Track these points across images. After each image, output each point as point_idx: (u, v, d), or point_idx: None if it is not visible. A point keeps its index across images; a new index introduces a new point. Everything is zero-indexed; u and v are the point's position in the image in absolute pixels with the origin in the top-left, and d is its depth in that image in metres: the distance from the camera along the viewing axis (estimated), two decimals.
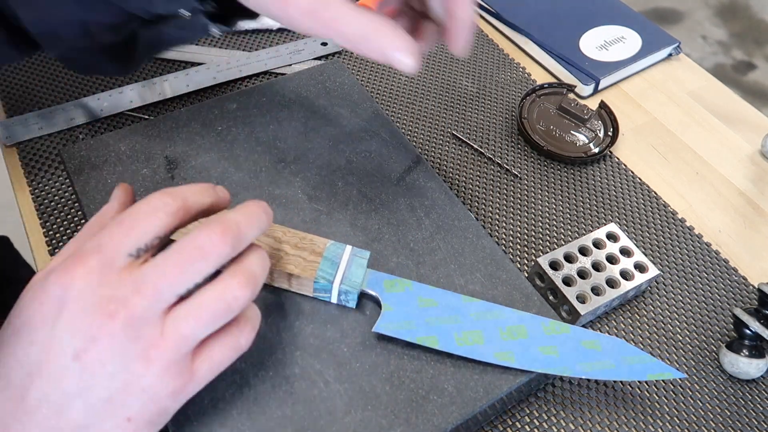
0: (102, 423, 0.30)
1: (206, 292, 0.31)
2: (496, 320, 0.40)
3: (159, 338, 0.30)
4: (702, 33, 2.13)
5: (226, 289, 0.31)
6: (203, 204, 0.34)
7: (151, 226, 0.31)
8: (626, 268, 0.46)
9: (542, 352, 0.39)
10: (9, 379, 0.30)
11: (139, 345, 0.30)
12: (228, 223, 0.31)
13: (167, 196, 0.32)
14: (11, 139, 0.53)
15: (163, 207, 0.31)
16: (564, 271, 0.45)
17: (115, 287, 0.30)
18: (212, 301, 0.31)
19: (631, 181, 0.55)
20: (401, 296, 0.40)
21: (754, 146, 0.59)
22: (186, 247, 0.31)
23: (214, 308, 0.31)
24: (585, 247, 0.47)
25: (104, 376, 0.29)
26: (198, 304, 0.31)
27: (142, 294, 0.30)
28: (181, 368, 0.31)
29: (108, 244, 0.30)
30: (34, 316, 0.30)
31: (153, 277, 0.30)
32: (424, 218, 0.46)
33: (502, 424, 0.41)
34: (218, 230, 0.31)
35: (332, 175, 0.48)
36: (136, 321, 0.29)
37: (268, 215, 0.34)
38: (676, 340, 0.45)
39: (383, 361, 0.38)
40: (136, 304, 0.29)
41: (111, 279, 0.30)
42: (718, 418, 0.42)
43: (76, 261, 0.30)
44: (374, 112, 0.52)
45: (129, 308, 0.29)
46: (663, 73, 0.65)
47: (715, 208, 0.54)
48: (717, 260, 0.50)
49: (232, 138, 0.49)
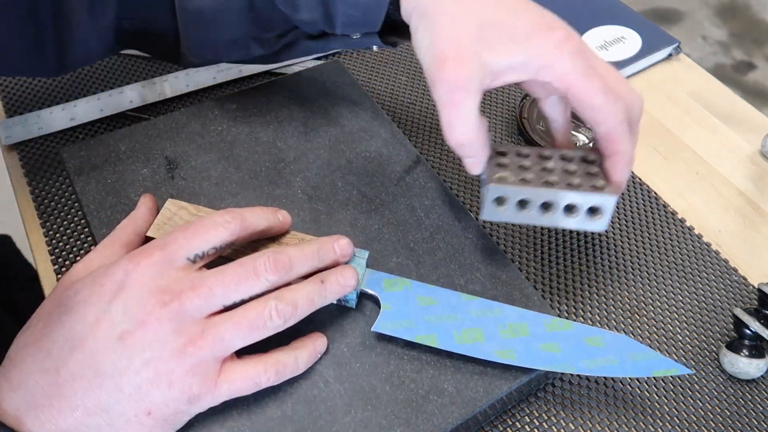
0: (125, 410, 0.31)
1: (249, 306, 0.34)
2: (497, 318, 0.40)
3: (199, 336, 0.33)
4: (702, 33, 2.13)
5: (266, 308, 0.34)
6: (259, 226, 0.37)
7: (211, 237, 0.35)
8: (577, 203, 0.39)
9: (544, 350, 0.39)
10: (50, 351, 0.32)
11: (180, 339, 0.32)
12: (283, 256, 0.35)
13: (229, 214, 0.36)
14: (11, 139, 0.53)
15: (224, 223, 0.35)
16: (518, 159, 0.41)
17: (172, 280, 0.33)
18: (252, 315, 0.34)
19: (631, 181, 0.55)
20: (401, 295, 0.40)
21: (754, 146, 0.59)
22: (245, 265, 0.34)
23: (253, 322, 0.33)
24: (566, 156, 0.42)
25: (140, 362, 0.32)
26: (240, 314, 0.34)
27: (196, 292, 0.33)
28: (207, 373, 0.33)
29: (172, 245, 0.34)
30: (92, 295, 0.33)
31: (211, 281, 0.33)
32: (424, 218, 0.45)
33: (502, 424, 0.41)
34: (273, 259, 0.35)
35: (332, 175, 0.48)
36: (183, 315, 0.33)
37: (322, 257, 0.38)
38: (676, 340, 0.45)
39: (383, 361, 0.38)
40: (189, 299, 0.33)
41: (170, 273, 0.33)
42: (718, 418, 0.42)
43: (142, 253, 0.34)
44: (374, 112, 0.52)
45: (181, 301, 0.33)
46: (663, 73, 0.65)
47: (715, 208, 0.54)
48: (717, 260, 0.50)
49: (232, 138, 0.49)
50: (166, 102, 0.57)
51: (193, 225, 0.35)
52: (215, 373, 0.33)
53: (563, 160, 0.42)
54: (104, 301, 0.33)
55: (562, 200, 0.39)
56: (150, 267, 0.33)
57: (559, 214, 0.40)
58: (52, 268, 0.46)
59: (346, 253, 0.39)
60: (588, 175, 0.40)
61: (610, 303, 0.47)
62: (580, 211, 0.40)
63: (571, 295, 0.47)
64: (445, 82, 0.36)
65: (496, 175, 0.40)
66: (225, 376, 0.33)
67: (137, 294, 0.33)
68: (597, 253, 0.50)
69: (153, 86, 0.57)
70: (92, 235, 0.44)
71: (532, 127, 0.57)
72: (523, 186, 0.39)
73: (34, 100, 0.56)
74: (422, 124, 0.57)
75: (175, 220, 0.41)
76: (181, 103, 0.57)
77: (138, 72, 0.59)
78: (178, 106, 0.56)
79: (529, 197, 0.39)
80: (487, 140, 0.39)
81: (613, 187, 0.39)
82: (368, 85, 0.60)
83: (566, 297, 0.47)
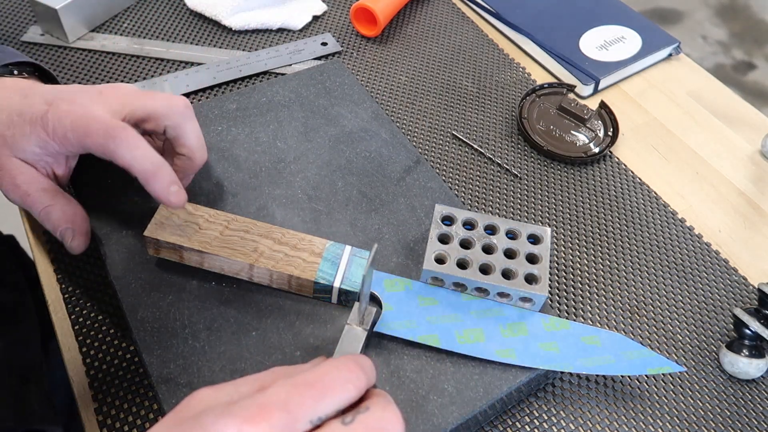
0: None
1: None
2: (497, 318, 0.40)
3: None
4: (702, 33, 2.13)
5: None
6: (373, 379, 0.32)
7: (340, 399, 0.29)
8: (515, 269, 0.41)
9: (543, 349, 0.39)
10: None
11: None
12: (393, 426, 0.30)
13: (361, 371, 0.31)
14: None
15: (355, 381, 0.30)
16: (452, 229, 0.42)
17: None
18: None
19: (631, 181, 0.55)
20: (401, 295, 0.40)
21: (754, 146, 0.59)
22: (371, 428, 0.29)
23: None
24: (493, 225, 0.43)
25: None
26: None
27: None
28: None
29: (297, 408, 0.28)
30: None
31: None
32: (424, 218, 0.45)
33: (502, 424, 0.41)
34: (397, 425, 0.30)
35: (332, 175, 0.48)
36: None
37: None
38: (676, 340, 0.46)
39: (383, 361, 0.38)
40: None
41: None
42: (717, 418, 0.42)
43: (261, 413, 0.28)
44: (374, 112, 0.52)
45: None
46: (663, 73, 0.65)
47: (715, 208, 0.54)
48: (717, 260, 0.50)
49: (232, 138, 0.49)
50: None
51: (320, 381, 0.29)
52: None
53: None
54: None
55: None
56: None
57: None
58: (52, 268, 0.46)
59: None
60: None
61: (610, 303, 0.47)
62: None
63: (571, 295, 0.47)
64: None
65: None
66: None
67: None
68: (597, 252, 0.50)
69: (153, 86, 0.57)
70: (92, 234, 0.44)
71: (532, 127, 0.57)
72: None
73: None
74: (422, 124, 0.57)
75: (173, 219, 0.41)
76: None
77: (138, 72, 0.59)
78: None
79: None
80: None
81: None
82: (368, 85, 0.60)
83: (566, 297, 0.47)
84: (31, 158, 0.41)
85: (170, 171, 0.40)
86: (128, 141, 0.39)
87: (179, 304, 0.40)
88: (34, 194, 0.41)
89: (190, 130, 0.43)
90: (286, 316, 0.40)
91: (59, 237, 0.42)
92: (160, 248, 0.41)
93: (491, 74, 0.63)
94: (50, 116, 0.39)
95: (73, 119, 0.39)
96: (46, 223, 0.42)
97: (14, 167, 0.41)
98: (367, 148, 0.49)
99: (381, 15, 0.62)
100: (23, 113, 0.40)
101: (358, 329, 0.38)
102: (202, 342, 0.39)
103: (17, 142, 0.40)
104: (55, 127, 0.39)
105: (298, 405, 0.28)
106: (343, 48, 0.63)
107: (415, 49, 0.64)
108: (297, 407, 0.28)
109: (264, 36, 0.64)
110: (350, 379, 0.30)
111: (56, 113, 0.39)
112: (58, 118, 0.39)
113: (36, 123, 0.40)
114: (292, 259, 0.40)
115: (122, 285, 0.41)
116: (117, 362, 0.41)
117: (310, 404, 0.28)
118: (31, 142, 0.40)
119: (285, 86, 0.53)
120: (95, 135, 0.39)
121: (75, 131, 0.39)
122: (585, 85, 0.61)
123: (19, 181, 0.41)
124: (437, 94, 0.60)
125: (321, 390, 0.29)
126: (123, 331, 0.42)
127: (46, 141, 0.40)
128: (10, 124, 0.40)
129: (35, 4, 0.59)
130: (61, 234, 0.42)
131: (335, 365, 0.30)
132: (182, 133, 0.43)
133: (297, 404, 0.28)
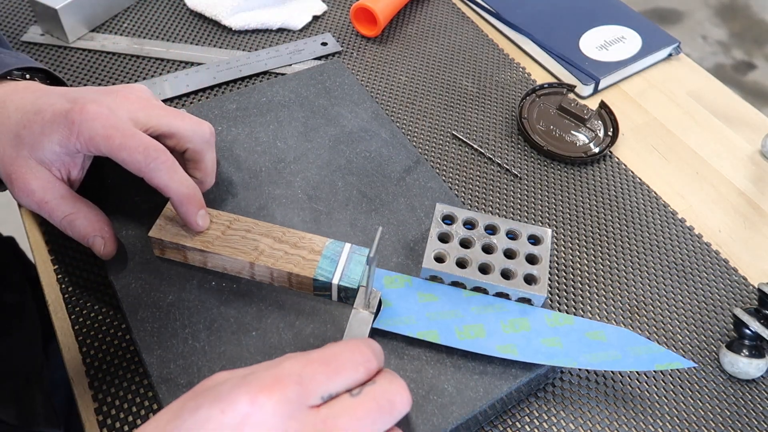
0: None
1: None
2: (498, 313, 0.40)
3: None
4: (702, 33, 2.13)
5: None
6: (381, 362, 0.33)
7: (350, 378, 0.31)
8: (514, 269, 0.41)
9: (545, 344, 0.39)
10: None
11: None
12: (398, 410, 0.31)
13: (372, 354, 0.32)
14: None
15: (366, 363, 0.31)
16: (453, 228, 0.43)
17: (303, 423, 0.29)
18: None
19: (631, 181, 0.55)
20: (401, 292, 0.40)
21: (754, 146, 0.59)
22: (378, 399, 0.30)
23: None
24: (494, 225, 0.43)
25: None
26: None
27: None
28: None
29: (310, 382, 0.30)
30: (209, 420, 0.28)
31: (344, 421, 0.29)
32: (424, 218, 0.46)
33: (502, 424, 0.41)
34: (404, 396, 0.31)
35: (332, 175, 0.48)
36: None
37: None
38: (676, 340, 0.45)
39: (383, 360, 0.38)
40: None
41: (301, 414, 0.29)
42: (718, 418, 0.42)
43: (275, 384, 0.29)
44: (374, 112, 0.52)
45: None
46: (663, 73, 0.65)
47: (715, 208, 0.54)
48: (717, 260, 0.50)
49: (232, 138, 0.49)
50: (166, 102, 0.57)
51: (333, 361, 0.31)
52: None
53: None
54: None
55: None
56: (281, 405, 0.29)
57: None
58: (52, 268, 0.46)
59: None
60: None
61: (609, 303, 0.47)
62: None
63: (571, 295, 0.47)
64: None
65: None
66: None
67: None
68: (597, 252, 0.50)
69: (153, 86, 0.57)
70: None
71: (532, 127, 0.57)
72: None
73: None
74: (422, 124, 0.57)
75: (177, 221, 0.41)
76: (181, 103, 0.57)
77: (138, 72, 0.59)
78: (178, 106, 0.56)
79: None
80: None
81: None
82: (368, 85, 0.60)
83: (566, 297, 0.47)
84: (50, 158, 0.39)
85: (201, 196, 0.41)
86: (167, 164, 0.39)
87: (179, 304, 0.40)
88: (53, 202, 0.40)
89: (209, 158, 0.44)
90: (286, 316, 0.40)
91: (87, 244, 0.41)
92: (165, 248, 0.41)
93: (491, 74, 0.63)
94: (75, 115, 0.38)
95: (103, 125, 0.38)
96: (69, 231, 0.41)
97: (28, 170, 0.39)
98: (367, 148, 0.49)
99: (381, 15, 0.62)
100: (42, 111, 0.39)
101: (365, 312, 0.38)
102: (202, 342, 0.39)
103: (36, 141, 0.39)
104: (81, 128, 0.38)
105: (311, 380, 0.29)
106: (343, 48, 0.64)
107: (415, 49, 0.64)
108: (310, 381, 0.29)
109: (264, 36, 0.64)
110: (362, 361, 0.31)
111: (84, 114, 0.38)
112: (86, 119, 0.38)
113: (58, 120, 0.38)
114: (291, 257, 0.40)
115: (122, 285, 0.41)
116: (117, 362, 0.41)
117: (322, 380, 0.30)
118: (52, 139, 0.39)
119: (285, 86, 0.53)
120: (134, 152, 0.38)
121: (107, 141, 0.38)
122: (585, 85, 0.61)
123: (34, 186, 0.39)
124: (437, 94, 0.60)
125: (334, 368, 0.30)
126: (123, 332, 0.42)
127: (68, 139, 0.38)
128: (27, 123, 0.39)
129: (35, 4, 0.59)
130: (90, 242, 0.41)
131: (348, 347, 0.32)
132: (202, 158, 0.43)
133: (310, 379, 0.29)
